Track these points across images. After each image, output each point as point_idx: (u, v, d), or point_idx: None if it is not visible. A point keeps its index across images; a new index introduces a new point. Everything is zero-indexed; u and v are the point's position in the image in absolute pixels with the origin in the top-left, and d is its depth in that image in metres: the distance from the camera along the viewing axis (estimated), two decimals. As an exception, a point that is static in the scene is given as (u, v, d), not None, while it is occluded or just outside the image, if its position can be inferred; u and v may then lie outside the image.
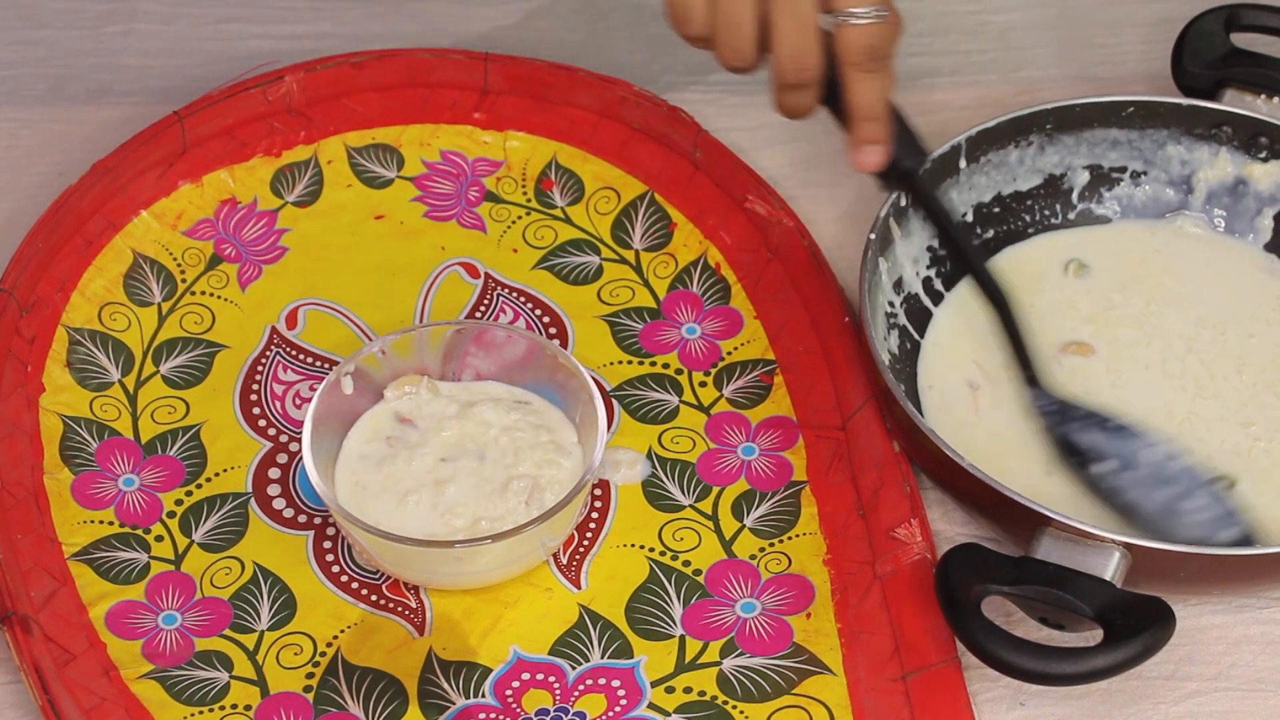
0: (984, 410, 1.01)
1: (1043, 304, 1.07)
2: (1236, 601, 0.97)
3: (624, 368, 1.07)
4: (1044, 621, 0.93)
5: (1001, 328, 1.02)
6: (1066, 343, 1.05)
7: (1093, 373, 1.03)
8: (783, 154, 1.17)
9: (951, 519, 1.01)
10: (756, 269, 1.10)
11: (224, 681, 0.94)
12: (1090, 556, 0.91)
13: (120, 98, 1.20)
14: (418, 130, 1.17)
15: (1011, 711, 0.94)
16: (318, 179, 1.15)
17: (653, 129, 1.16)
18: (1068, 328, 1.06)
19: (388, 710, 0.93)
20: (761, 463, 1.03)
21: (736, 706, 0.93)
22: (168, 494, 1.01)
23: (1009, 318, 1.02)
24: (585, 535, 1.00)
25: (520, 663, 0.95)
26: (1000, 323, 1.02)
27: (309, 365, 1.07)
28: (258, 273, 1.11)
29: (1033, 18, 1.26)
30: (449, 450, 0.99)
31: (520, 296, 1.10)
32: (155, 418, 1.04)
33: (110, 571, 0.98)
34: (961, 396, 1.02)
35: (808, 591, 0.98)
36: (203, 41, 1.24)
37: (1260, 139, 1.09)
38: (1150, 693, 0.94)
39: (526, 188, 1.15)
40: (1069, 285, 1.08)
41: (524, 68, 1.17)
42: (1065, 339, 1.05)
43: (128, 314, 1.09)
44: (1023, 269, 1.08)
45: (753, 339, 1.08)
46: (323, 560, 0.99)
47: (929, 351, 1.05)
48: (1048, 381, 1.01)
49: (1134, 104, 1.09)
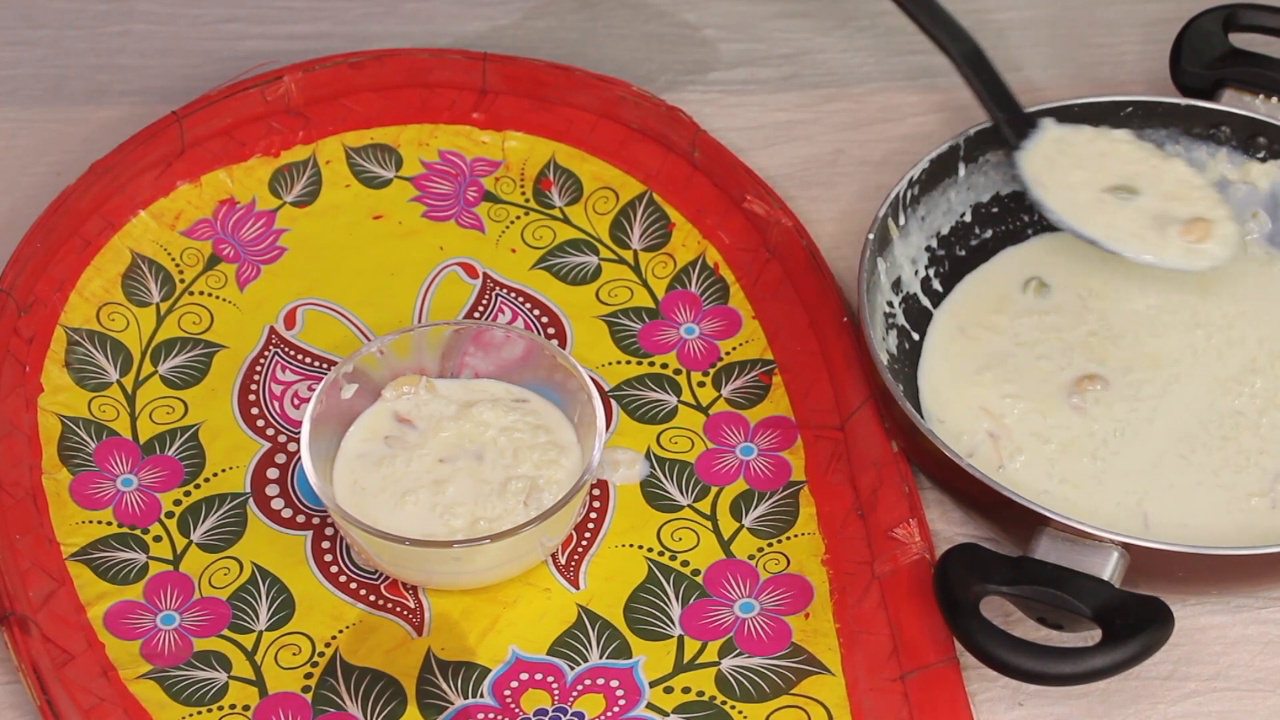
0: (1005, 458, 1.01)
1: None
2: (1235, 601, 0.97)
3: (622, 368, 1.07)
4: (1042, 621, 0.93)
5: (975, 80, 1.06)
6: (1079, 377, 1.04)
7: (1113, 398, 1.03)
8: (781, 154, 1.17)
9: (950, 519, 1.01)
10: (755, 269, 1.10)
11: (222, 682, 0.94)
12: (1089, 556, 0.91)
13: (119, 98, 1.20)
14: (416, 130, 1.17)
15: (1010, 711, 0.94)
16: (316, 179, 1.15)
17: (651, 129, 1.16)
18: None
19: (386, 710, 0.93)
20: (760, 463, 1.03)
21: (735, 707, 0.93)
22: (166, 494, 1.01)
23: (979, 63, 1.06)
24: (584, 535, 1.00)
25: (519, 663, 0.95)
26: (973, 75, 1.06)
27: (307, 365, 1.07)
28: (256, 273, 1.11)
29: (1031, 17, 1.26)
30: (447, 450, 0.99)
31: (519, 296, 1.10)
32: (154, 418, 1.04)
33: (109, 572, 0.98)
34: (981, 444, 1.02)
35: (806, 591, 0.98)
36: (201, 41, 1.24)
37: (1259, 139, 1.09)
38: (1149, 693, 0.94)
39: (525, 188, 1.15)
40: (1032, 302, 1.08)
41: (522, 68, 1.17)
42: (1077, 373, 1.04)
43: (126, 314, 1.09)
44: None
45: (751, 339, 1.08)
46: (321, 560, 0.99)
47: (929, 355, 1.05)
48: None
49: (1133, 104, 1.09)
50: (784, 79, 1.22)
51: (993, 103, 1.08)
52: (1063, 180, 1.06)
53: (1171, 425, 1.01)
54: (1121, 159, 1.07)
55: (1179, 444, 1.00)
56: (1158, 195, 1.05)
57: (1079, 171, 1.06)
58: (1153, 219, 1.04)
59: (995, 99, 1.08)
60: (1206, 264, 1.03)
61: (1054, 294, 1.07)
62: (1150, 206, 1.04)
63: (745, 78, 1.22)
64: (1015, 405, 1.02)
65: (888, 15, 1.25)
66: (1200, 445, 1.00)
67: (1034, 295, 1.07)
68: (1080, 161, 1.06)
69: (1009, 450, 1.00)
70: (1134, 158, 1.07)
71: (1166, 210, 1.04)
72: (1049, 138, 1.07)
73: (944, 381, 1.03)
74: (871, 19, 1.25)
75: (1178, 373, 1.03)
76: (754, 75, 1.22)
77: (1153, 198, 1.05)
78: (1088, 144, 1.07)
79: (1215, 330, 1.05)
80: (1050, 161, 1.06)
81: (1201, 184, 1.06)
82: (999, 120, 1.07)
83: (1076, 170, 1.06)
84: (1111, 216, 1.04)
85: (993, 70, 1.09)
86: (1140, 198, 1.05)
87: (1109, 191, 1.05)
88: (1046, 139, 1.07)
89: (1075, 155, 1.06)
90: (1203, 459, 1.00)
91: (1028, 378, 1.03)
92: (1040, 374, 1.03)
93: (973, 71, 1.08)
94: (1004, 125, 1.07)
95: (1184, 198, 1.05)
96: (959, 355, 1.04)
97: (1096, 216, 1.04)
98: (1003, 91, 1.08)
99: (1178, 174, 1.06)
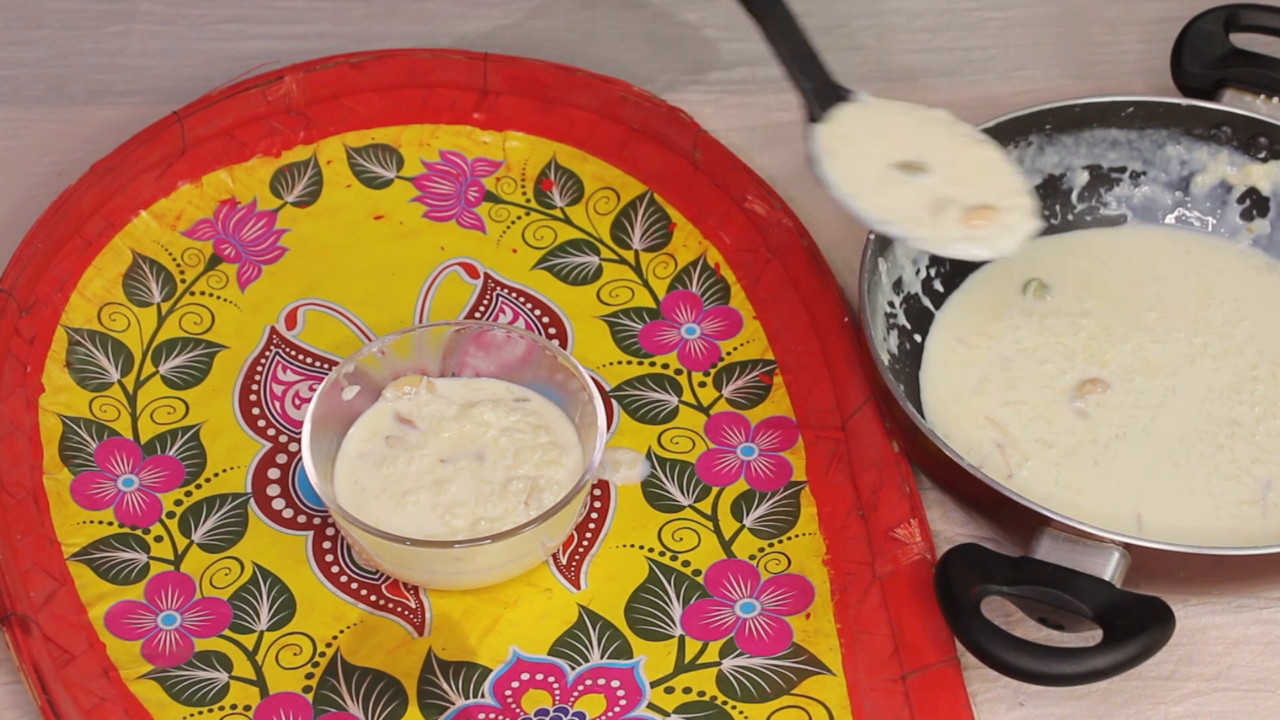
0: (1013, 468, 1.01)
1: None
2: (1236, 601, 0.97)
3: (623, 368, 1.07)
4: (1043, 621, 0.93)
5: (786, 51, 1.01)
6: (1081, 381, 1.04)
7: (1114, 403, 1.03)
8: (782, 154, 1.17)
9: (951, 519, 1.01)
10: (756, 269, 1.10)
11: (223, 682, 0.94)
12: (1090, 556, 0.91)
13: (119, 98, 1.20)
14: (417, 130, 1.17)
15: (1011, 711, 0.94)
16: (317, 179, 1.15)
17: (652, 129, 1.16)
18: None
19: (387, 710, 0.93)
20: (761, 463, 1.03)
21: (736, 707, 0.93)
22: (167, 494, 1.01)
23: (788, 29, 1.00)
24: (585, 535, 1.00)
25: (520, 663, 0.95)
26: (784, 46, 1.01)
27: (308, 365, 1.07)
28: (257, 273, 1.11)
29: (1032, 16, 1.26)
30: (448, 450, 0.99)
31: (520, 297, 1.10)
32: (155, 418, 1.04)
33: (110, 572, 0.98)
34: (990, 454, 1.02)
35: (807, 592, 0.98)
36: (202, 41, 1.24)
37: (1260, 139, 1.09)
38: (1150, 693, 0.94)
39: (526, 188, 1.15)
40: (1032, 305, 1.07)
41: (523, 68, 1.17)
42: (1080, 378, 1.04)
43: (127, 314, 1.09)
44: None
45: (752, 339, 1.08)
46: (322, 560, 0.99)
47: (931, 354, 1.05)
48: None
49: (1133, 104, 1.09)
50: (784, 79, 1.22)
51: (799, 71, 1.02)
52: (853, 153, 0.99)
53: (1168, 431, 1.01)
54: (922, 135, 1.01)
55: (1174, 451, 1.00)
56: (948, 177, 0.99)
57: (874, 144, 1.00)
58: (934, 200, 0.98)
59: (802, 67, 1.02)
60: (986, 253, 0.98)
61: (1054, 296, 1.07)
62: (935, 186, 0.98)
63: (746, 78, 1.22)
64: (1019, 412, 1.02)
65: (888, 15, 1.25)
66: (1196, 453, 1.00)
67: (1034, 297, 1.07)
68: (878, 133, 1.00)
69: (1017, 459, 1.00)
70: (937, 136, 1.01)
71: (952, 194, 0.99)
72: (854, 110, 1.01)
73: (948, 396, 1.03)
74: (872, 19, 1.25)
75: (1175, 382, 1.03)
76: (755, 75, 1.22)
77: (942, 179, 0.99)
78: (894, 118, 1.02)
79: (1214, 339, 1.05)
80: (848, 134, 1.00)
81: (1008, 173, 1.00)
82: (804, 90, 1.02)
83: (872, 142, 1.00)
84: (891, 194, 0.98)
85: (802, 37, 1.03)
86: (927, 176, 0.98)
87: (897, 168, 0.99)
88: (851, 110, 1.01)
89: (876, 127, 1.00)
90: (1197, 465, 1.00)
91: (1030, 384, 1.03)
92: (1043, 378, 1.03)
93: (780, 36, 1.02)
94: (809, 95, 1.01)
95: (977, 183, 0.99)
96: (961, 365, 1.04)
97: (876, 192, 0.98)
98: (811, 59, 1.02)
99: (983, 158, 1.01)
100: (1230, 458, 1.00)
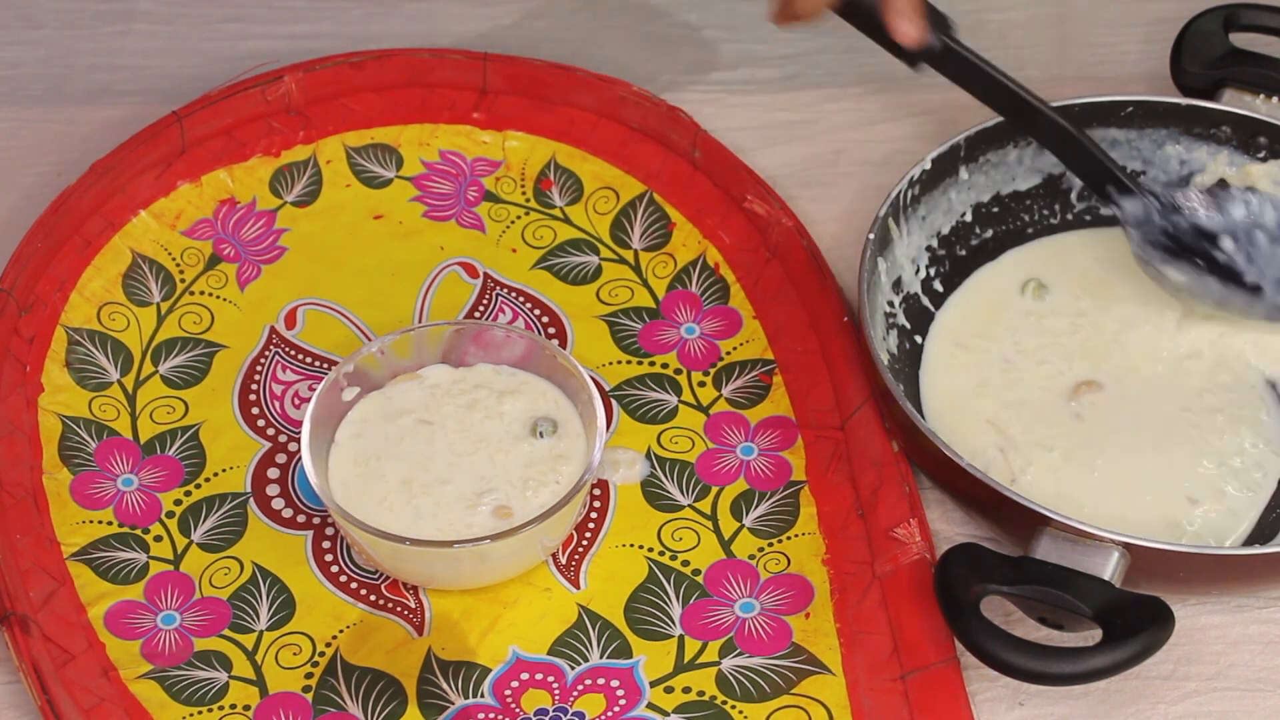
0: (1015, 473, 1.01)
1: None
2: (1235, 601, 0.97)
3: (623, 367, 1.07)
4: (1043, 621, 0.93)
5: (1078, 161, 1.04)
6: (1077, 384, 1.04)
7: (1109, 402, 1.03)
8: (782, 154, 1.17)
9: (950, 519, 1.01)
10: (755, 269, 1.10)
11: (223, 681, 0.94)
12: (1089, 556, 0.91)
13: (119, 98, 1.20)
14: (417, 130, 1.17)
15: (1010, 711, 0.94)
16: (317, 179, 1.15)
17: (651, 129, 1.16)
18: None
19: (387, 710, 0.93)
20: (760, 463, 1.03)
21: (735, 706, 0.93)
22: (167, 494, 1.01)
23: (1084, 145, 1.03)
24: (584, 535, 1.00)
25: (519, 663, 0.95)
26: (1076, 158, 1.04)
27: (308, 365, 1.07)
28: (257, 273, 1.11)
29: (1032, 17, 1.26)
30: (448, 448, 0.99)
31: (519, 296, 1.10)
32: (154, 418, 1.04)
33: (109, 571, 0.98)
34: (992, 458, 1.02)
35: (807, 591, 0.98)
36: (202, 41, 1.24)
37: (1259, 139, 1.09)
38: (1149, 692, 0.94)
39: (525, 187, 1.15)
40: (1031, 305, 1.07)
41: (523, 67, 1.17)
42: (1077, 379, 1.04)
43: (127, 314, 1.09)
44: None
45: (752, 339, 1.08)
46: (321, 560, 0.99)
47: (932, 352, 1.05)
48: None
49: (1133, 104, 1.09)
50: (785, 79, 1.22)
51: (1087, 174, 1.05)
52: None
53: (1166, 431, 1.01)
54: None
55: (1173, 451, 1.00)
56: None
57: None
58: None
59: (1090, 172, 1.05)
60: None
61: (1052, 295, 1.07)
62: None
63: (746, 78, 1.22)
64: (1019, 414, 1.02)
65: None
66: (1195, 452, 1.00)
67: (1032, 297, 1.07)
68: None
69: (1019, 464, 1.00)
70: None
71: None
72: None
73: (948, 397, 1.03)
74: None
75: (1175, 382, 1.03)
76: (755, 75, 1.22)
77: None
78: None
79: (1214, 338, 1.05)
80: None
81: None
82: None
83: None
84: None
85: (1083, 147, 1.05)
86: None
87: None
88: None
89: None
90: (1195, 465, 1.00)
91: (1029, 385, 1.03)
92: (1041, 380, 1.03)
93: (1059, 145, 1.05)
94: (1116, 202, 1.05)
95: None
96: (961, 367, 1.04)
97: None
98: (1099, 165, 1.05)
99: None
100: (1228, 457, 1.00)
